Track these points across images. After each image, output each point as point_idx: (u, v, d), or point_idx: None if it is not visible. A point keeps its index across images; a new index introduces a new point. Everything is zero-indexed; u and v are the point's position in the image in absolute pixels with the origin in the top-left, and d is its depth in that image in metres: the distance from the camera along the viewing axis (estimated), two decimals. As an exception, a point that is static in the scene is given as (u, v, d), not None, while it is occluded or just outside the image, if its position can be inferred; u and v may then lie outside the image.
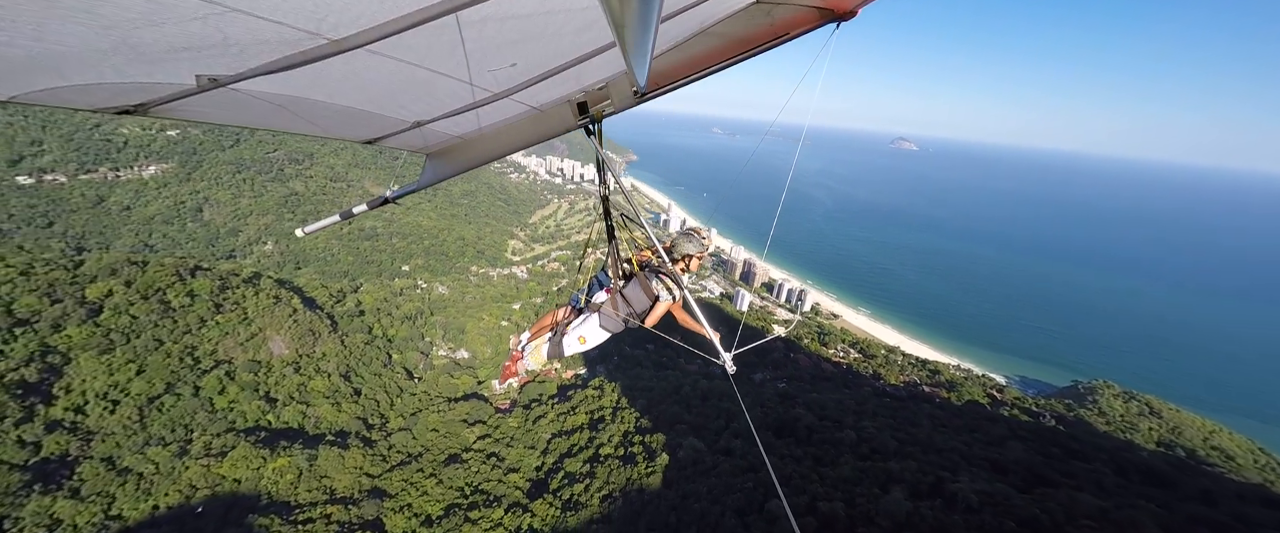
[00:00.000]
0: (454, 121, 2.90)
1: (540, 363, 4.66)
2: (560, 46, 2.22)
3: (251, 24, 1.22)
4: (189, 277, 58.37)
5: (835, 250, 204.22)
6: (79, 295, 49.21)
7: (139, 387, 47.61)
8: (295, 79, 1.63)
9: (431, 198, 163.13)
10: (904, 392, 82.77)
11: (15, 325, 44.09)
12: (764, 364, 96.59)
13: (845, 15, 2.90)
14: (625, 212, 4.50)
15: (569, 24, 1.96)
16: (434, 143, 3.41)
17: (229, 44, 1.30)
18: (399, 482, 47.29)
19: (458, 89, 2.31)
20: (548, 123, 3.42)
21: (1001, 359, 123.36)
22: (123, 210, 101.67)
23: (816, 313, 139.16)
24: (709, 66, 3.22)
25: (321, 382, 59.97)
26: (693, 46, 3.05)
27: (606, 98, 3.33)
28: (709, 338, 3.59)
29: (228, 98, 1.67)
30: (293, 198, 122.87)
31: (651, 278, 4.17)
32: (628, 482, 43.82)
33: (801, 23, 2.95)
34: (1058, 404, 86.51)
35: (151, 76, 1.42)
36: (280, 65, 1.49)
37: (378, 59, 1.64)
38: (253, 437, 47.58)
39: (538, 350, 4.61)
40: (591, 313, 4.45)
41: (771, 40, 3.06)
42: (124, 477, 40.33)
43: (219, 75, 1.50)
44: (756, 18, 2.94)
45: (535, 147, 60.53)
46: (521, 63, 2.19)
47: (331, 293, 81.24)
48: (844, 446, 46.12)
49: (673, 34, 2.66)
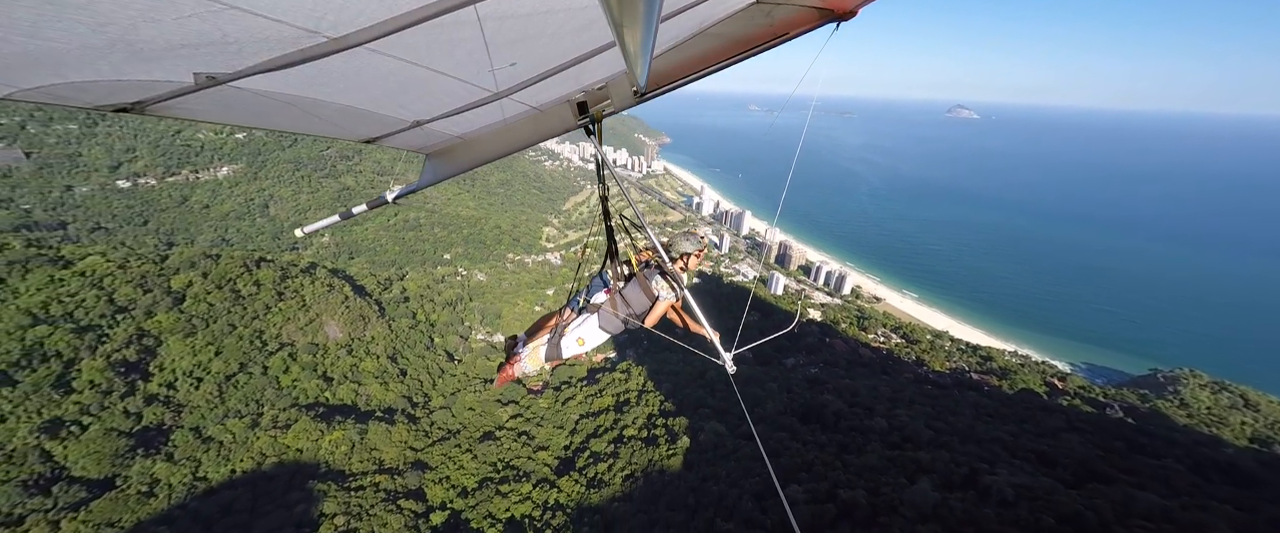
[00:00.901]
0: (453, 121, 2.91)
1: (538, 365, 4.58)
2: (560, 46, 2.23)
3: (250, 21, 1.21)
4: (254, 268, 64.54)
5: (880, 230, 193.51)
6: (166, 286, 55.84)
7: (217, 366, 53.79)
8: (294, 78, 1.64)
9: (470, 188, 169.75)
10: (949, 379, 78.53)
11: (117, 312, 50.85)
12: (797, 349, 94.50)
13: (845, 15, 2.89)
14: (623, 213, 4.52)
15: (569, 23, 1.96)
16: (433, 143, 3.40)
17: (227, 42, 1.29)
18: (439, 456, 50.98)
19: (457, 88, 2.33)
20: (548, 122, 3.42)
21: (1067, 345, 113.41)
22: (203, 208, 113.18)
23: (857, 296, 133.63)
24: (709, 66, 3.24)
25: (371, 363, 65.08)
26: (692, 46, 3.07)
27: (606, 97, 3.34)
28: (709, 338, 3.60)
29: (226, 96, 1.69)
30: (344, 192, 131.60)
31: (651, 277, 4.16)
32: (649, 463, 44.90)
33: (801, 23, 2.95)
34: (1130, 394, 79.03)
35: (149, 74, 1.43)
36: (279, 63, 1.50)
37: (377, 58, 1.65)
38: (312, 412, 52.70)
39: (536, 352, 4.54)
40: (591, 314, 4.42)
41: (771, 40, 3.07)
42: (208, 444, 46.11)
43: (217, 73, 1.50)
44: (756, 18, 2.95)
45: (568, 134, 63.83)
46: (521, 62, 2.19)
47: (379, 281, 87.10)
48: (873, 433, 44.70)
49: (672, 34, 2.68)
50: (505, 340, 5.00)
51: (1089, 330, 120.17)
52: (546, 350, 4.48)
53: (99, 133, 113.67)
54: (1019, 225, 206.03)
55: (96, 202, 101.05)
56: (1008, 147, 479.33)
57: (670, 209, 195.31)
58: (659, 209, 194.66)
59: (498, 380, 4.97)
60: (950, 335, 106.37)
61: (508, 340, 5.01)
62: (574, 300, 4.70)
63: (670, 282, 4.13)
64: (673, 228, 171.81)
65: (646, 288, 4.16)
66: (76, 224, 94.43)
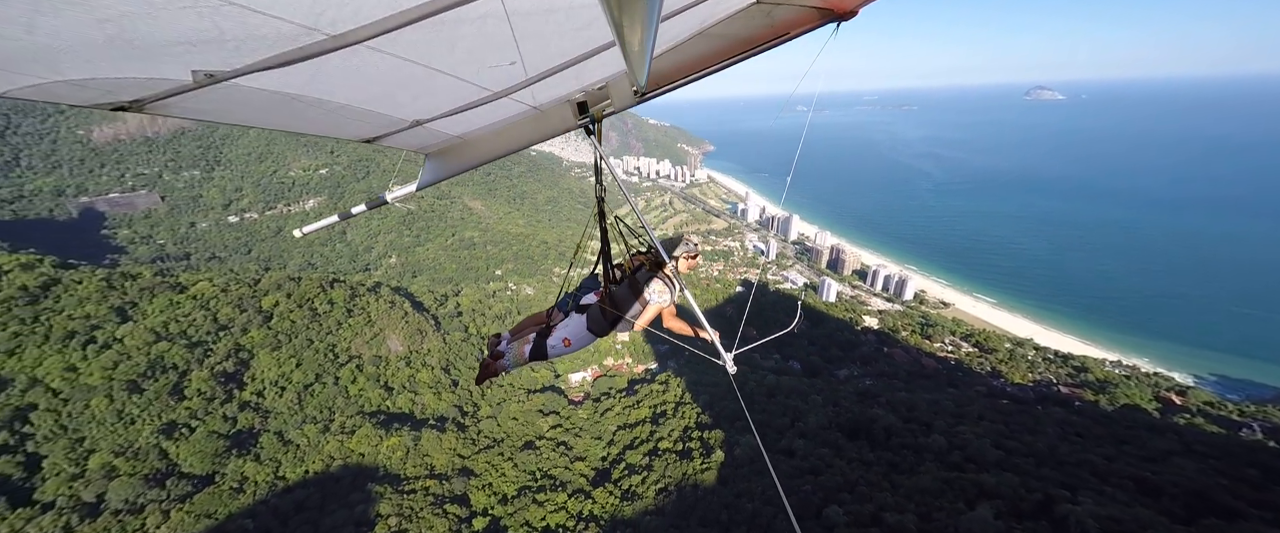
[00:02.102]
0: (453, 121, 2.90)
1: (519, 363, 4.56)
2: (560, 45, 2.24)
3: (249, 19, 1.21)
4: (329, 288, 72.09)
5: (947, 229, 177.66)
6: (258, 305, 63.93)
7: (298, 376, 60.40)
8: (293, 76, 1.65)
9: (520, 207, 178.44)
10: (1032, 393, 69.89)
11: (219, 329, 58.93)
12: (850, 359, 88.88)
13: (845, 15, 2.90)
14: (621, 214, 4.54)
15: (569, 23, 1.97)
16: (433, 142, 3.38)
17: (226, 39, 1.30)
18: (483, 463, 53.37)
19: (457, 87, 2.34)
20: (548, 122, 3.43)
21: (1190, 354, 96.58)
22: (294, 237, 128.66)
23: (921, 302, 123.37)
24: (709, 66, 3.26)
25: (427, 374, 69.88)
26: (693, 46, 3.09)
27: (606, 97, 3.34)
28: (709, 338, 3.56)
29: (224, 94, 1.70)
30: (408, 216, 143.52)
31: (643, 282, 4.13)
32: (683, 477, 43.99)
33: (802, 23, 2.96)
34: (1277, 412, 65.69)
35: (146, 72, 1.44)
36: (278, 61, 1.50)
37: (377, 56, 1.66)
38: (374, 419, 57.42)
39: (520, 351, 4.52)
40: (578, 315, 4.39)
41: (772, 40, 3.08)
42: (287, 447, 51.70)
43: (215, 71, 1.51)
44: (756, 18, 2.96)
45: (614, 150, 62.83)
46: (521, 61, 2.19)
47: (436, 297, 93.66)
48: (928, 452, 40.68)
49: (673, 34, 2.70)
50: (489, 338, 5.01)
51: (1219, 336, 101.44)
52: (531, 349, 4.45)
53: (215, 177, 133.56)
54: (1120, 215, 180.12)
55: (212, 235, 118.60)
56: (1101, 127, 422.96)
57: (714, 217, 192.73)
58: (702, 218, 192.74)
59: (479, 377, 4.96)
60: (1035, 343, 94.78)
61: (491, 338, 5.01)
62: (563, 301, 4.66)
63: (663, 286, 4.09)
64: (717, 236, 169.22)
65: (637, 291, 4.13)
66: (197, 254, 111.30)
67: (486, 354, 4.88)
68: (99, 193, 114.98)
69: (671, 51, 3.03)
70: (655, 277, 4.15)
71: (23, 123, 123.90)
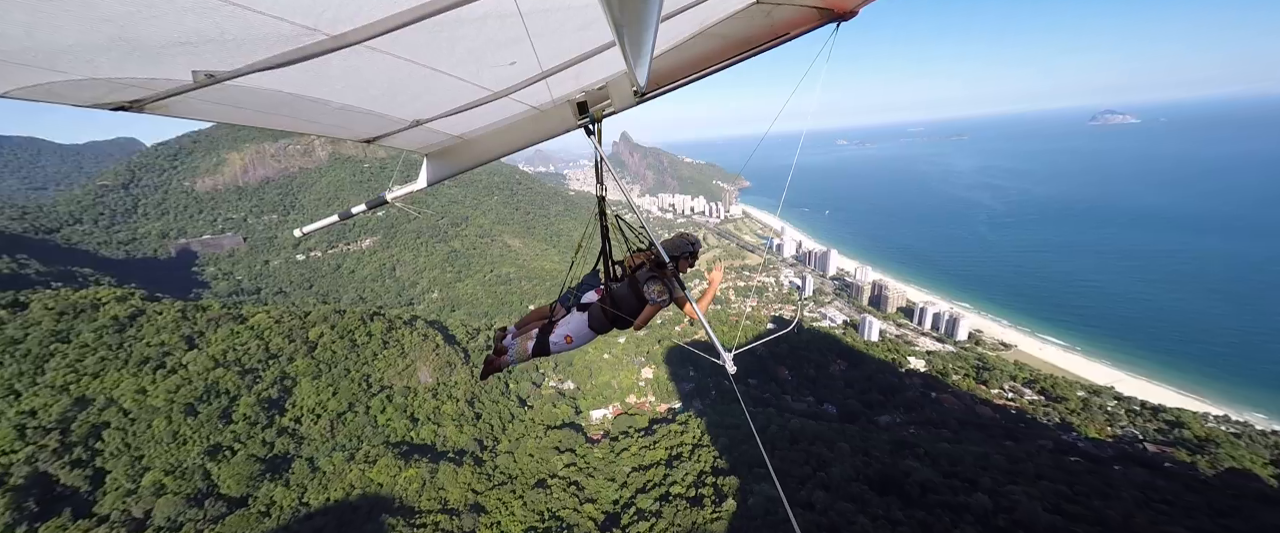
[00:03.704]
0: (453, 120, 2.92)
1: (523, 358, 4.65)
2: (560, 45, 2.26)
3: (249, 19, 1.21)
4: (369, 321, 77.02)
5: (1006, 263, 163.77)
6: (305, 336, 69.25)
7: (333, 405, 63.91)
8: (293, 76, 1.66)
9: (556, 244, 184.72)
10: (1110, 450, 60.74)
11: (269, 358, 64.11)
12: (892, 405, 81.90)
13: (845, 15, 2.92)
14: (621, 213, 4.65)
15: (569, 23, 1.99)
16: (433, 142, 3.41)
17: (226, 39, 1.31)
18: (495, 500, 52.96)
19: (457, 87, 2.35)
20: (547, 122, 3.45)
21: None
22: (350, 273, 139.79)
23: (977, 343, 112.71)
24: (709, 66, 3.28)
25: (451, 406, 71.63)
26: (693, 46, 3.12)
27: (606, 97, 3.36)
28: (709, 337, 3.52)
29: (225, 94, 1.71)
30: (453, 254, 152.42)
31: (644, 281, 4.17)
32: (692, 526, 41.30)
33: (801, 23, 2.98)
34: None
35: (147, 72, 1.45)
36: (278, 61, 1.51)
37: (377, 56, 1.67)
38: (396, 449, 59.09)
39: (523, 346, 4.60)
40: (580, 312, 4.46)
41: (771, 40, 3.11)
42: (315, 473, 54.05)
43: (216, 71, 1.52)
44: (756, 18, 2.98)
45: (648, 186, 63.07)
46: (521, 61, 2.21)
47: (469, 330, 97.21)
48: (970, 513, 35.89)
49: (673, 34, 2.73)
50: (495, 332, 5.08)
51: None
52: (534, 345, 4.52)
53: (290, 220, 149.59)
54: (1216, 245, 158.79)
55: (281, 272, 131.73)
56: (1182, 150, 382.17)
57: (748, 252, 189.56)
58: (737, 253, 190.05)
59: (483, 373, 5.03)
60: (1116, 393, 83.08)
61: (497, 332, 5.08)
62: (565, 297, 4.71)
63: (664, 286, 4.12)
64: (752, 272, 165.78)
65: (638, 290, 4.16)
66: (267, 289, 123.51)
67: (491, 349, 4.95)
68: (195, 235, 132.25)
69: (671, 51, 3.06)
70: (656, 277, 4.15)
71: (144, 176, 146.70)
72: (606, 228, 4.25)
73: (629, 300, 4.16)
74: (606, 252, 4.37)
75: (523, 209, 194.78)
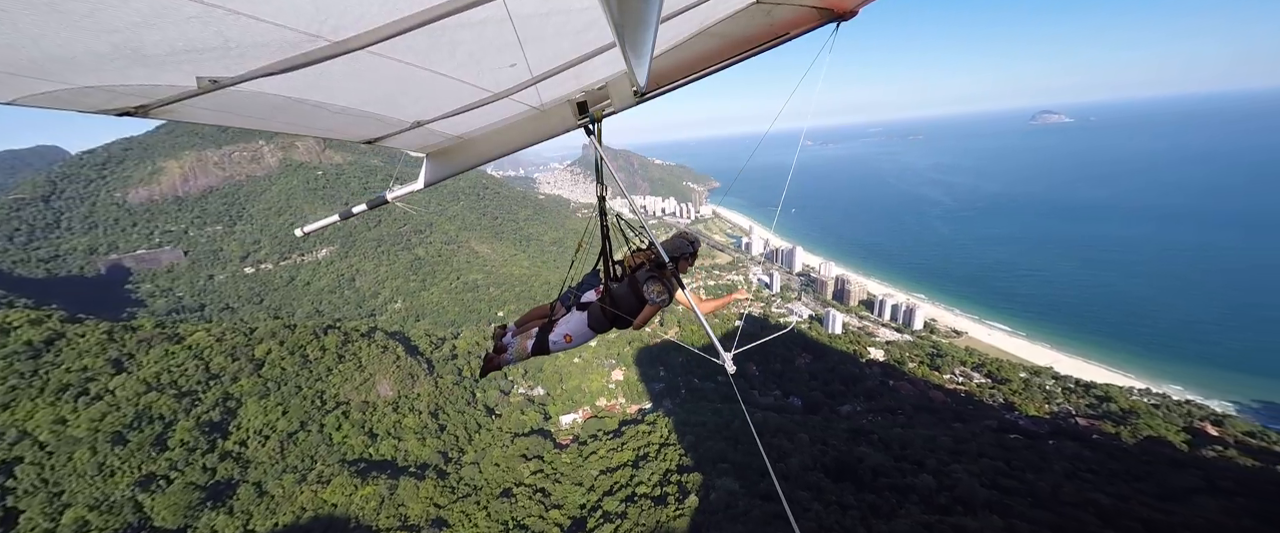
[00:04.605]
0: (454, 122, 2.96)
1: (522, 357, 4.64)
2: (560, 47, 2.28)
3: (252, 26, 1.23)
4: (322, 334, 73.61)
5: (958, 255, 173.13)
6: (250, 354, 65.45)
7: (283, 424, 60.62)
8: (296, 81, 1.69)
9: (525, 249, 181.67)
10: (1047, 426, 64.93)
11: (210, 379, 60.25)
12: (854, 394, 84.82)
13: (845, 15, 2.92)
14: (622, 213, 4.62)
15: (569, 24, 2.00)
16: (434, 143, 3.46)
17: (230, 46, 1.33)
18: (458, 513, 51.54)
19: (458, 90, 2.38)
20: (548, 123, 3.47)
21: (1230, 379, 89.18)
22: (305, 285, 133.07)
23: (932, 331, 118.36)
24: (709, 66, 3.28)
25: (413, 419, 69.27)
26: (693, 46, 3.13)
27: (606, 97, 3.37)
28: (709, 337, 3.54)
29: (228, 100, 1.73)
30: (416, 262, 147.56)
31: (643, 280, 4.15)
32: (656, 524, 41.49)
33: (801, 22, 2.98)
34: (1329, 444, 59.16)
35: (152, 79, 1.48)
36: (281, 67, 1.54)
37: (378, 60, 1.69)
38: (352, 467, 56.63)
39: (522, 345, 4.58)
40: (579, 312, 4.45)
41: (771, 40, 3.10)
42: (263, 498, 51.09)
43: (220, 77, 1.55)
44: (756, 18, 2.97)
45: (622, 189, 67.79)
46: (521, 63, 2.22)
47: (433, 340, 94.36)
48: (915, 493, 37.64)
49: (673, 34, 2.73)
50: (494, 329, 5.07)
51: (1265, 357, 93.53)
52: (533, 344, 4.49)
53: (237, 231, 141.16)
54: (1143, 232, 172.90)
55: (228, 286, 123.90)
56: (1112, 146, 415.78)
57: (718, 251, 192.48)
58: (707, 253, 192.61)
59: (482, 371, 5.00)
60: (1054, 372, 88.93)
61: (496, 329, 5.06)
62: (565, 296, 4.70)
63: (663, 285, 4.11)
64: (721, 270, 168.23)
65: (638, 290, 4.14)
66: (211, 305, 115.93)
67: (490, 348, 4.91)
68: (128, 250, 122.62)
69: (671, 51, 3.06)
70: (656, 277, 4.13)
71: (67, 188, 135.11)
72: (607, 227, 4.24)
73: (628, 300, 4.15)
74: (606, 251, 4.34)
75: (490, 214, 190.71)
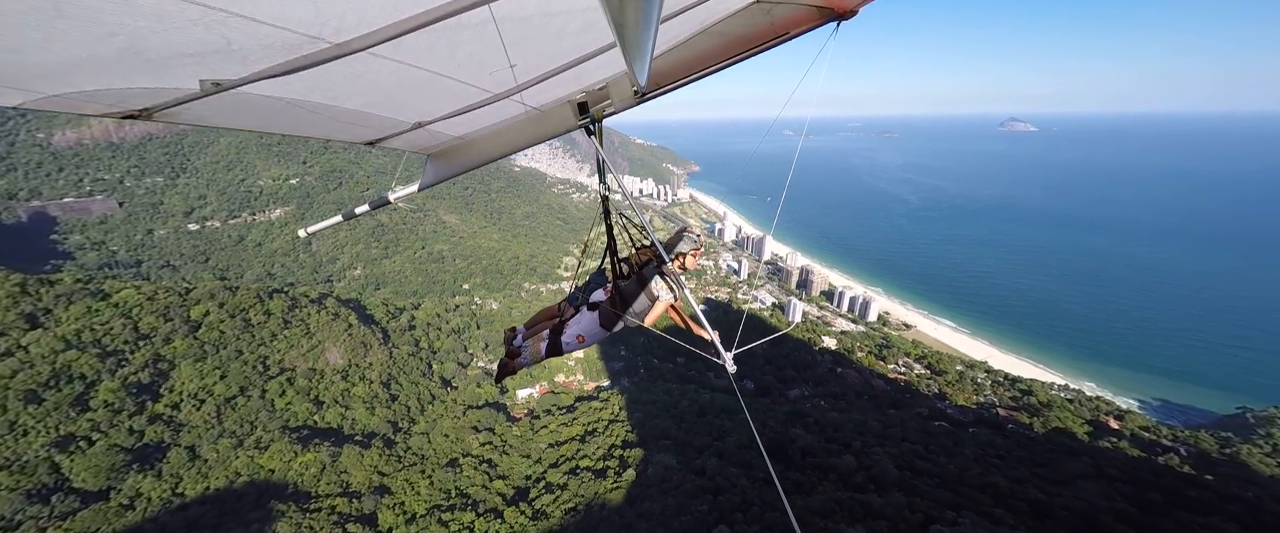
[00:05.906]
0: (455, 122, 2.97)
1: (536, 360, 4.65)
2: (561, 47, 2.28)
3: (254, 29, 1.24)
4: (267, 298, 70.74)
5: (917, 252, 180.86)
6: (185, 315, 62.39)
7: (221, 389, 58.57)
8: (297, 82, 1.70)
9: (496, 221, 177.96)
10: (971, 415, 69.93)
11: (139, 339, 57.24)
12: (805, 379, 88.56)
13: (845, 14, 2.90)
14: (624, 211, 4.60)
15: (569, 25, 2.00)
16: (435, 143, 3.46)
17: (232, 49, 1.34)
18: (402, 481, 51.70)
19: (459, 90, 2.39)
20: (548, 123, 3.48)
21: (1141, 379, 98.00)
22: (256, 246, 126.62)
23: (884, 323, 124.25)
24: (709, 66, 3.26)
25: (363, 388, 68.17)
26: (693, 46, 3.12)
27: (607, 98, 3.37)
28: (709, 337, 3.59)
29: (231, 101, 1.74)
30: (378, 228, 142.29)
31: (650, 277, 4.18)
32: (593, 496, 42.93)
33: (802, 22, 2.97)
34: (1208, 439, 66.26)
35: (156, 82, 1.49)
36: (283, 69, 1.55)
37: (379, 62, 1.70)
38: (295, 434, 55.60)
39: (536, 348, 4.58)
40: (590, 311, 4.44)
41: (772, 40, 3.09)
42: (195, 462, 49.69)
43: (222, 79, 1.56)
44: (756, 17, 2.96)
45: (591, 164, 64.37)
46: (522, 64, 2.23)
47: (391, 310, 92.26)
48: (836, 473, 40.25)
49: (673, 34, 2.73)
50: (505, 333, 5.06)
51: (1171, 363, 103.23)
52: (547, 347, 4.48)
53: (180, 184, 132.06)
54: (1091, 244, 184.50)
55: (169, 243, 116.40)
56: (1069, 158, 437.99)
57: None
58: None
59: (498, 376, 5.01)
60: (987, 366, 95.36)
61: (507, 333, 5.05)
62: (573, 297, 4.70)
63: (669, 282, 4.13)
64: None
65: (645, 287, 4.16)
66: (149, 262, 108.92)
67: (504, 353, 4.89)
68: (53, 197, 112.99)
69: (671, 51, 3.06)
70: (660, 273, 4.15)
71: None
72: (611, 226, 4.25)
73: (637, 298, 4.19)
74: (613, 250, 4.34)
75: (461, 183, 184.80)
